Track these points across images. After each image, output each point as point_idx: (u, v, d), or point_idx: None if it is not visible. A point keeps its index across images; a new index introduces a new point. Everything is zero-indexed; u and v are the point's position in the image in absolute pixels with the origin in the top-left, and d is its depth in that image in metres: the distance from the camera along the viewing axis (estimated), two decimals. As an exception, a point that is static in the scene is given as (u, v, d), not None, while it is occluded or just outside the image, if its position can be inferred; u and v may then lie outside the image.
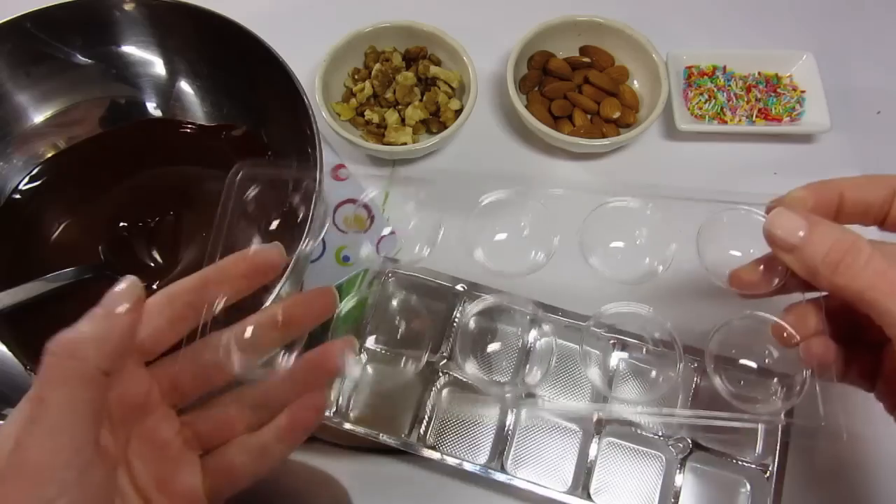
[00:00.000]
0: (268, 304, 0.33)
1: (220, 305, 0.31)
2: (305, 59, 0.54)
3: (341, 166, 0.56)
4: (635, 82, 0.58)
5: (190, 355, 0.31)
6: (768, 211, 0.32)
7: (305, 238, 0.39)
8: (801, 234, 0.30)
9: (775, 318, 0.34)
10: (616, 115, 0.55)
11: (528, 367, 0.45)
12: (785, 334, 0.33)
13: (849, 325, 0.33)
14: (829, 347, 0.32)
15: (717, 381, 0.35)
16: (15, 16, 0.47)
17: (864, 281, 0.29)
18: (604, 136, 0.55)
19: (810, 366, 0.33)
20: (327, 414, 0.43)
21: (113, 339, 0.27)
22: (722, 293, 0.36)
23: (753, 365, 0.38)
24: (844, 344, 0.33)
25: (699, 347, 0.41)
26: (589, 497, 0.42)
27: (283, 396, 0.32)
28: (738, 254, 0.36)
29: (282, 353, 0.33)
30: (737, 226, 0.36)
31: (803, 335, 0.33)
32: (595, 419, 0.44)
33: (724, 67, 0.60)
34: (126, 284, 0.28)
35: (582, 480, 0.43)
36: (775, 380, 0.41)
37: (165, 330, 0.30)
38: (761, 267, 0.34)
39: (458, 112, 0.54)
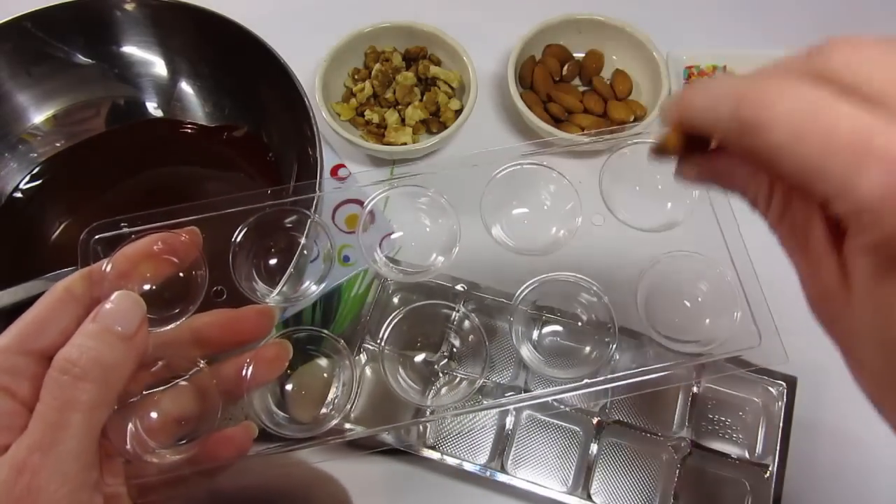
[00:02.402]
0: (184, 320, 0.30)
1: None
2: (305, 59, 0.54)
3: (341, 166, 0.56)
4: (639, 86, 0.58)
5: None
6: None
7: (305, 238, 0.39)
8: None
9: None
10: (631, 118, 0.54)
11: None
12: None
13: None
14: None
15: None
16: (15, 16, 0.47)
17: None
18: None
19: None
20: (326, 411, 0.43)
21: (128, 365, 0.26)
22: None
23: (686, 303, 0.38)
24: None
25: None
26: (589, 497, 0.42)
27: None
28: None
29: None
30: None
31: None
32: (596, 421, 0.44)
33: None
34: (131, 303, 0.26)
35: (582, 480, 0.43)
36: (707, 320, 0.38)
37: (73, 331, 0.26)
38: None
39: (458, 112, 0.54)
